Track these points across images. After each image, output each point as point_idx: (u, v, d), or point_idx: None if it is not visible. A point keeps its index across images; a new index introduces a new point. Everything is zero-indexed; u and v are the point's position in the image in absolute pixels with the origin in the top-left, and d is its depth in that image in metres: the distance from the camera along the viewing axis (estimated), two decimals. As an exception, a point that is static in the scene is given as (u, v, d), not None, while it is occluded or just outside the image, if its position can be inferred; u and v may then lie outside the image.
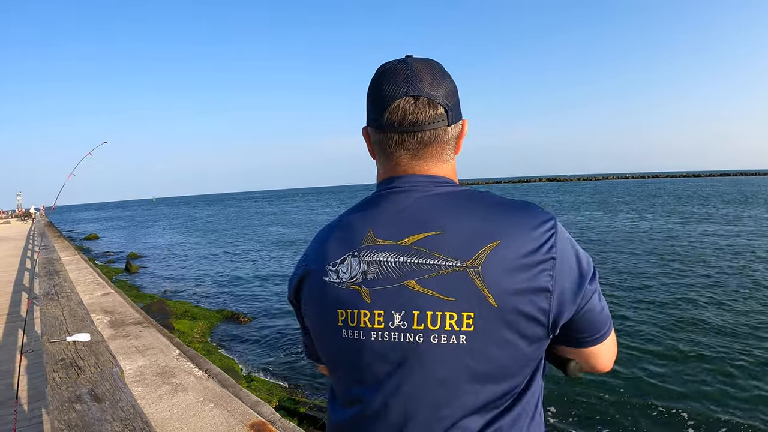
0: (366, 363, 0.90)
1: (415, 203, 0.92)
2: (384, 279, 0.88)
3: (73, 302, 3.29)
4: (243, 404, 4.07)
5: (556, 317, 0.86)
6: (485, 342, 0.83)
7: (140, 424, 1.36)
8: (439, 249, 0.85)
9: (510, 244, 0.84)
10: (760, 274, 12.79)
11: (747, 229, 21.68)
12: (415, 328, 0.85)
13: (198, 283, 16.28)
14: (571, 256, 0.88)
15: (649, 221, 27.17)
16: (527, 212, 0.89)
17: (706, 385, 6.57)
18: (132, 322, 6.91)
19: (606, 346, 0.97)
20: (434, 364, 0.85)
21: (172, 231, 40.17)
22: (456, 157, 1.03)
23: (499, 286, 0.82)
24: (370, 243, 0.91)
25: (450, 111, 0.93)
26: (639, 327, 9.03)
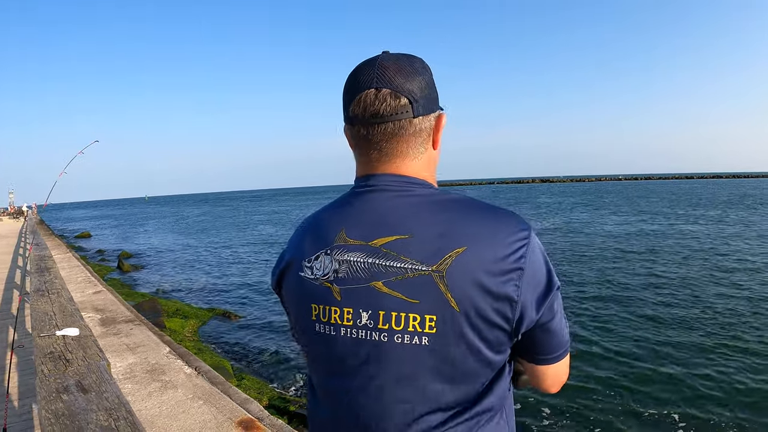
0: (336, 357, 0.94)
1: (386, 205, 0.93)
2: (353, 278, 0.91)
3: (63, 298, 3.32)
4: (232, 402, 4.11)
5: (518, 326, 0.88)
6: (447, 344, 0.86)
7: (124, 413, 1.40)
8: (406, 252, 0.87)
9: (476, 252, 0.85)
10: (738, 276, 12.94)
11: (732, 231, 21.85)
12: (380, 328, 0.88)
13: (189, 281, 16.27)
14: (541, 269, 0.89)
15: (633, 224, 27.32)
16: (500, 221, 0.89)
17: (694, 387, 6.65)
18: (123, 320, 6.92)
19: (556, 370, 0.99)
20: (398, 363, 0.88)
21: (164, 230, 40.07)
22: (437, 152, 1.03)
23: (462, 292, 0.84)
24: (342, 242, 0.93)
25: (415, 102, 0.92)
26: (626, 330, 9.11)
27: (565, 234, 24.19)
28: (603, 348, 8.21)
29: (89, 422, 1.33)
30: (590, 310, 10.47)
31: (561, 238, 22.73)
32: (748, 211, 32.81)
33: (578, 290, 12.22)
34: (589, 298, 11.45)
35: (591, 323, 9.55)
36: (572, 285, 12.77)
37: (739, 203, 41.12)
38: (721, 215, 30.92)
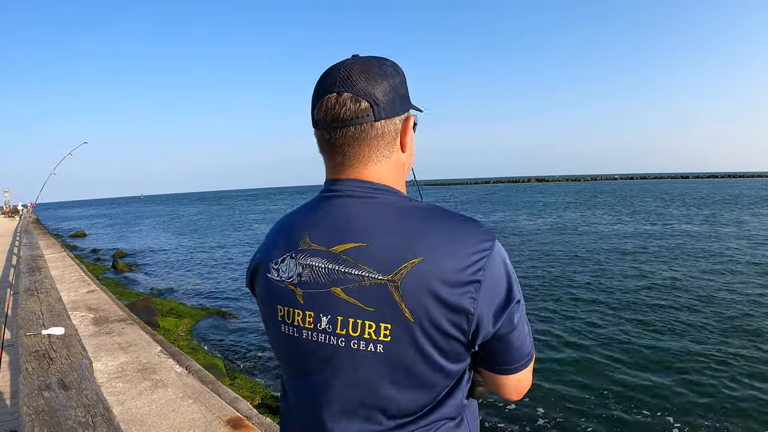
0: (299, 358, 0.97)
1: (348, 211, 0.93)
2: (315, 283, 0.92)
3: (51, 298, 3.36)
4: (221, 400, 4.15)
5: (474, 338, 0.88)
6: (402, 353, 0.87)
7: (102, 410, 1.44)
8: (364, 260, 0.88)
9: (432, 263, 0.85)
10: (727, 278, 13.03)
11: (725, 231, 21.94)
12: (338, 333, 0.90)
13: (184, 281, 16.29)
14: (501, 282, 0.89)
15: (626, 224, 27.38)
16: (461, 232, 0.89)
17: (684, 390, 6.71)
18: (116, 319, 6.95)
19: (517, 379, 0.99)
20: (354, 368, 0.90)
21: (159, 229, 40.04)
22: (407, 155, 1.03)
23: (417, 302, 0.84)
24: (305, 246, 0.94)
25: (376, 105, 0.92)
26: (614, 331, 9.17)
27: (556, 233, 24.26)
28: (591, 351, 8.27)
29: (68, 418, 1.37)
30: (576, 311, 10.54)
31: (551, 237, 22.80)
32: (741, 211, 32.93)
33: (566, 291, 12.28)
34: (576, 299, 11.51)
35: (574, 325, 9.62)
36: (559, 285, 12.85)
37: (732, 203, 41.29)
38: (714, 214, 31.08)
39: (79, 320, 6.78)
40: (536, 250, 18.78)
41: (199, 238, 30.90)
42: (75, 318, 6.85)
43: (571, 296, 11.66)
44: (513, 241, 21.55)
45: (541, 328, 9.38)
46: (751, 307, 10.25)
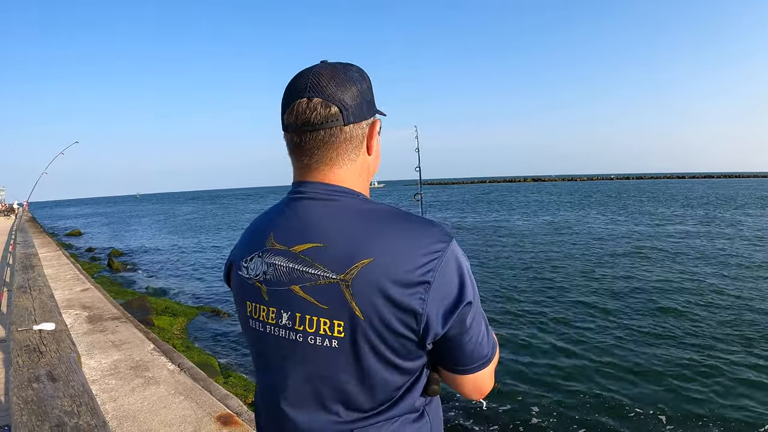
0: (264, 352, 1.03)
1: (309, 213, 0.97)
2: (277, 281, 0.96)
3: (44, 295, 3.42)
4: (212, 397, 4.20)
5: (424, 337, 0.91)
6: (354, 349, 0.91)
7: (87, 400, 1.51)
8: (320, 260, 0.91)
9: (383, 263, 0.88)
10: (716, 279, 13.10)
11: (717, 231, 22.01)
12: (297, 329, 0.94)
13: (179, 279, 16.32)
14: (452, 283, 0.91)
15: (618, 223, 27.44)
16: (415, 233, 0.92)
17: (673, 390, 6.77)
18: (110, 317, 6.99)
19: (474, 379, 1.01)
20: (312, 363, 0.94)
21: (155, 228, 40.02)
22: (372, 157, 1.07)
23: (367, 301, 0.87)
24: (270, 246, 0.99)
25: (346, 110, 0.95)
26: (600, 332, 9.24)
27: (548, 233, 24.32)
28: (579, 351, 8.33)
29: (54, 407, 1.43)
30: (563, 310, 10.61)
31: (542, 237, 22.85)
32: (735, 211, 33.01)
33: (552, 291, 12.36)
34: (563, 299, 11.58)
35: (563, 324, 9.69)
36: (547, 286, 12.92)
37: (726, 204, 41.36)
38: (707, 214, 31.14)
39: (74, 318, 6.83)
40: (525, 250, 18.84)
41: (194, 237, 30.92)
42: (69, 316, 6.90)
43: (558, 296, 11.73)
44: (505, 242, 21.61)
45: (529, 330, 9.45)
46: (741, 308, 10.34)
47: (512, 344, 8.57)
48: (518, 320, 9.94)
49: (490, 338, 1.02)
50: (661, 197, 55.20)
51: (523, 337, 8.92)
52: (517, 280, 13.50)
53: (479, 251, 19.02)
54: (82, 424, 1.29)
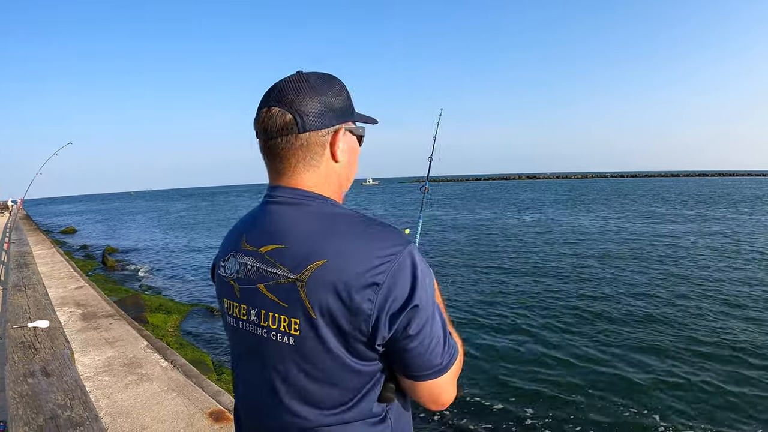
0: (237, 346, 1.10)
1: (276, 216, 1.03)
2: (247, 279, 1.02)
3: (38, 293, 3.48)
4: (204, 393, 4.27)
5: (373, 339, 0.94)
6: (308, 347, 0.95)
7: (79, 394, 1.58)
8: (281, 261, 0.97)
9: (336, 265, 0.92)
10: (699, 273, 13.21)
11: (710, 229, 22.11)
12: (262, 325, 1.00)
13: (173, 277, 16.39)
14: (402, 288, 0.93)
15: (609, 221, 27.51)
16: (369, 237, 0.96)
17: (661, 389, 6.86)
18: (103, 314, 7.03)
19: (429, 388, 1.02)
20: (273, 358, 1.00)
21: (149, 225, 40.00)
22: (341, 165, 1.09)
23: (319, 301, 0.92)
24: (243, 247, 1.05)
25: (301, 119, 1.00)
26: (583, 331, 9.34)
27: (536, 230, 24.40)
28: (564, 352, 8.42)
29: (48, 401, 1.51)
30: (551, 308, 10.70)
31: (529, 235, 22.93)
32: (726, 210, 33.13)
33: (537, 288, 12.50)
34: (549, 296, 11.69)
35: (552, 322, 9.79)
36: (533, 284, 13.06)
37: (717, 202, 41.51)
38: (698, 213, 31.23)
39: (68, 316, 6.87)
40: (514, 248, 18.92)
41: (188, 234, 30.97)
42: (63, 313, 6.94)
43: (543, 293, 11.84)
44: (494, 239, 21.69)
45: (519, 327, 9.55)
46: (727, 304, 10.48)
47: (504, 342, 8.66)
48: (507, 319, 10.05)
49: (448, 348, 1.02)
50: (654, 195, 55.40)
51: (514, 337, 9.03)
52: (504, 277, 13.60)
53: (470, 249, 19.11)
54: (75, 417, 1.36)
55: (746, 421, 5.77)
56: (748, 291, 11.50)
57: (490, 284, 13.08)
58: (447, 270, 15.02)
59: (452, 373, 1.04)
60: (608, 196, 56.87)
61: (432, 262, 14.18)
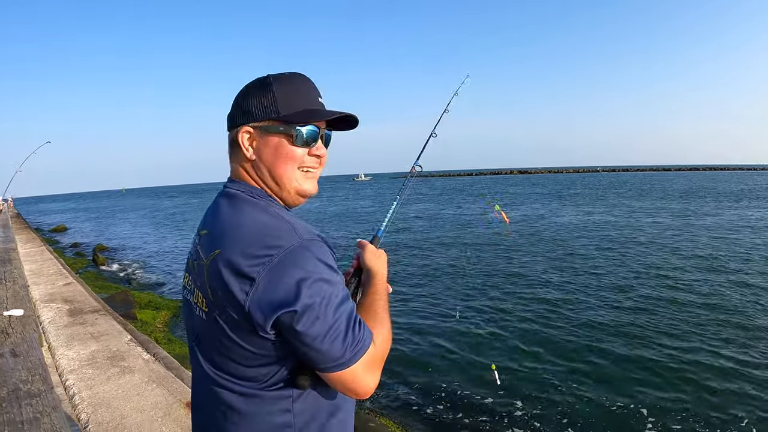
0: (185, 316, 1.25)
1: (214, 204, 1.19)
2: (192, 257, 1.17)
3: (17, 285, 3.60)
4: (184, 384, 4.39)
5: (253, 328, 0.99)
6: (211, 322, 1.06)
7: (41, 371, 1.72)
8: (202, 245, 1.11)
9: (224, 255, 1.01)
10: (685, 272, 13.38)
11: (698, 223, 22.23)
12: (193, 300, 1.13)
13: (163, 273, 16.46)
14: (282, 286, 0.96)
15: (593, 215, 27.58)
16: (260, 230, 1.03)
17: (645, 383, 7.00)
18: (90, 310, 7.13)
19: (338, 379, 1.04)
20: (197, 329, 1.14)
21: (139, 222, 39.93)
22: (258, 159, 1.17)
23: (213, 285, 1.03)
24: (198, 230, 1.19)
25: (230, 118, 1.19)
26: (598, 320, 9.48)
27: (523, 225, 24.48)
28: (550, 348, 8.54)
29: (12, 377, 1.65)
30: (531, 303, 10.82)
31: (519, 228, 23.01)
32: (715, 204, 33.29)
33: (516, 282, 12.61)
34: (528, 292, 11.79)
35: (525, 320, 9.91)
36: (510, 276, 13.19)
37: (705, 196, 41.67)
38: (685, 208, 31.37)
39: (55, 312, 6.96)
40: (505, 243, 18.99)
41: (178, 231, 30.99)
42: (51, 309, 7.03)
43: (525, 289, 11.95)
44: (483, 232, 21.75)
45: (506, 323, 9.66)
46: (711, 297, 10.65)
47: (499, 337, 8.79)
48: (499, 313, 10.15)
49: (351, 340, 1.02)
50: (644, 188, 55.59)
51: (506, 331, 9.14)
52: (492, 272, 13.70)
53: (448, 241, 19.17)
54: (33, 390, 1.50)
55: (732, 413, 5.88)
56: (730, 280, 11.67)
57: (472, 277, 13.16)
58: (422, 262, 15.12)
59: (363, 364, 1.04)
60: (602, 189, 57.05)
61: (407, 253, 14.13)
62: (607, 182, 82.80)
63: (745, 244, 16.90)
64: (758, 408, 5.89)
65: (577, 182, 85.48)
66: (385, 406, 6.22)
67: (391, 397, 6.42)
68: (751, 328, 8.58)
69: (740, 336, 8.26)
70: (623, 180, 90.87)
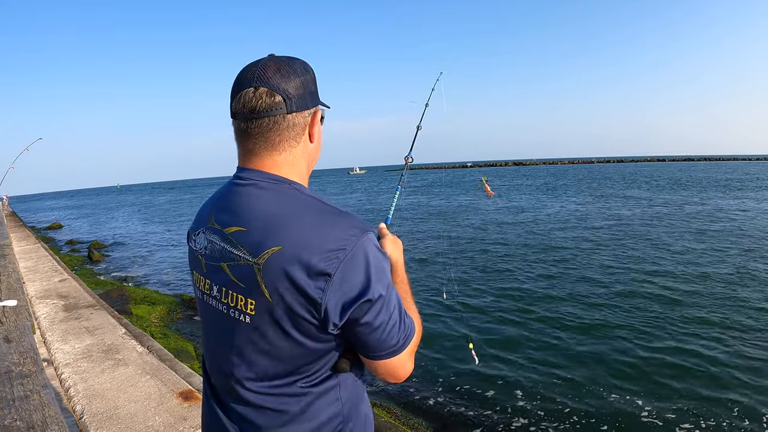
0: (202, 315, 1.17)
1: (242, 198, 1.05)
2: (212, 256, 1.07)
3: (11, 278, 3.69)
4: (176, 375, 4.48)
5: (324, 325, 0.98)
6: (263, 326, 1.00)
7: (32, 354, 1.81)
8: (242, 243, 1.00)
9: (290, 252, 0.95)
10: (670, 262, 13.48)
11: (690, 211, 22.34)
12: (223, 301, 1.06)
13: (158, 269, 16.49)
14: (356, 278, 0.96)
15: (581, 205, 27.63)
16: (325, 224, 0.98)
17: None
18: (85, 305, 7.20)
19: (384, 366, 1.07)
20: (230, 333, 1.06)
21: (135, 219, 39.86)
22: (314, 145, 1.14)
23: (273, 285, 0.95)
24: (211, 225, 1.09)
25: (289, 100, 1.03)
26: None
27: (508, 215, 24.55)
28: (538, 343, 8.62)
29: (5, 360, 1.73)
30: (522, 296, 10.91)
31: (505, 222, 23.07)
32: (704, 194, 33.37)
33: (503, 276, 12.66)
34: (516, 284, 11.87)
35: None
36: (496, 269, 13.25)
37: (694, 186, 41.79)
38: (668, 199, 31.43)
39: (51, 307, 7.03)
40: (497, 233, 19.05)
41: (173, 227, 31.05)
42: (46, 305, 7.10)
43: (516, 280, 12.03)
44: (472, 222, 21.81)
45: (500, 314, 9.74)
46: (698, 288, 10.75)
47: (498, 331, 8.87)
48: (506, 306, 10.23)
49: (403, 327, 1.06)
50: (634, 179, 55.67)
51: (511, 316, 9.23)
52: (485, 262, 13.77)
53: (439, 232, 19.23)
54: (25, 371, 1.59)
55: (726, 401, 5.94)
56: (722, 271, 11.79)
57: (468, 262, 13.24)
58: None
59: (408, 351, 1.09)
60: (586, 181, 57.18)
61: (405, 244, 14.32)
62: (605, 173, 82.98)
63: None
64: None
65: (574, 174, 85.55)
66: (378, 392, 6.30)
67: (376, 386, 6.49)
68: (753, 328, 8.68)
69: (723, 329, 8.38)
70: (618, 170, 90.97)
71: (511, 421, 5.67)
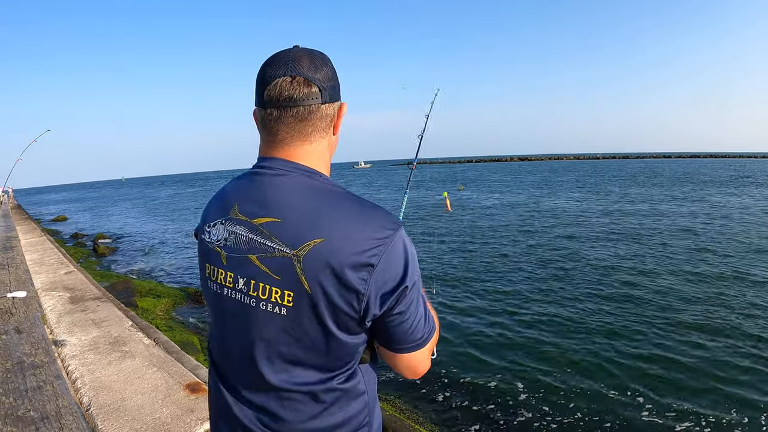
0: (219, 310, 1.13)
1: (272, 188, 1.04)
2: (237, 248, 1.05)
3: (20, 270, 3.69)
4: (183, 368, 4.48)
5: (364, 316, 0.99)
6: (300, 318, 0.99)
7: (44, 345, 1.80)
8: (276, 234, 0.99)
9: (332, 244, 0.95)
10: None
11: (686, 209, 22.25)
12: (251, 294, 1.03)
13: (163, 261, 16.52)
14: (396, 269, 0.99)
15: (578, 201, 27.58)
16: (364, 217, 0.99)
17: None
18: (91, 297, 7.21)
19: (408, 359, 1.10)
20: (261, 325, 1.03)
21: (139, 211, 40.01)
22: (336, 138, 1.16)
23: (315, 277, 0.95)
24: (233, 216, 1.07)
25: (324, 90, 1.04)
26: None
27: (505, 209, 24.51)
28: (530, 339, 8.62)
29: (17, 351, 1.73)
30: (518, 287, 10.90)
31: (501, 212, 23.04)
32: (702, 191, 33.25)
33: (506, 270, 12.67)
34: (514, 277, 11.87)
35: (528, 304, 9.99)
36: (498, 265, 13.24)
37: (692, 181, 41.65)
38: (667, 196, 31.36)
39: (57, 299, 7.04)
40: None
41: (177, 219, 31.12)
42: (53, 297, 7.11)
43: (514, 277, 12.03)
44: (470, 218, 21.80)
45: (497, 308, 9.74)
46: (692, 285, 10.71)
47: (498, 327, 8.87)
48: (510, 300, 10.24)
49: (428, 323, 1.10)
50: (635, 175, 55.46)
51: (512, 321, 9.23)
52: (483, 260, 13.77)
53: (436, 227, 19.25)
54: (37, 361, 1.59)
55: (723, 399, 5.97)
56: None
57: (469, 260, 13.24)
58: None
59: (429, 347, 1.12)
60: (584, 177, 56.98)
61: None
62: (609, 169, 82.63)
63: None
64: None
65: (575, 169, 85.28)
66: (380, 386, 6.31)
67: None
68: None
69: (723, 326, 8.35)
70: (622, 166, 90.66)
71: (515, 417, 5.67)
